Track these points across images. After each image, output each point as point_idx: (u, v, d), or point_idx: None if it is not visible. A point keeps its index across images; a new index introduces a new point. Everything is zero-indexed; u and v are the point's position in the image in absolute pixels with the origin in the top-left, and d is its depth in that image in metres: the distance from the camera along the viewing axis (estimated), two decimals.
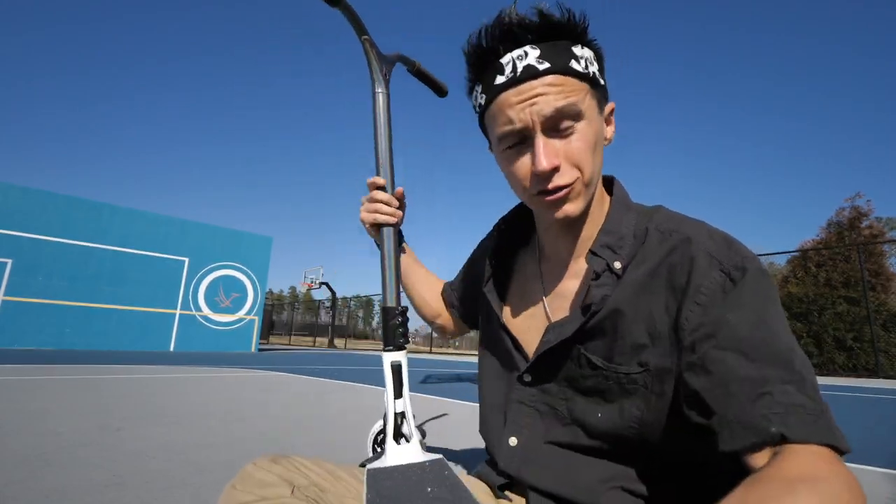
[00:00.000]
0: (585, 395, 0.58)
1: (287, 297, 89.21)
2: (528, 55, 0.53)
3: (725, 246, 0.51)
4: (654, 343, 0.52)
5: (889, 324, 12.06)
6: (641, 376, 0.53)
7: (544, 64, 0.53)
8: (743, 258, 0.50)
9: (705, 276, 0.49)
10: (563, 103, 0.52)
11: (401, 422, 0.58)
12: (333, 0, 0.73)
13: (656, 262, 0.54)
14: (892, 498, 1.68)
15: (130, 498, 1.42)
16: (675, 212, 0.61)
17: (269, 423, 2.73)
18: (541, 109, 0.53)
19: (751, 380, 0.42)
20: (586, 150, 0.55)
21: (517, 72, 0.53)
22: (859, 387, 7.82)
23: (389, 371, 0.60)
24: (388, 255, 0.69)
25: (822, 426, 0.38)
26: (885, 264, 19.98)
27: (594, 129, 0.55)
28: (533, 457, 0.60)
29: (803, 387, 0.41)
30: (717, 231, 0.54)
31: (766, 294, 0.47)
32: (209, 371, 6.40)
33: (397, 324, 0.64)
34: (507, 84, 0.54)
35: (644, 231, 0.58)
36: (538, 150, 0.53)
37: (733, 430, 0.41)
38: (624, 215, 0.60)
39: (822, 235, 22.61)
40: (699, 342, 0.47)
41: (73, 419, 2.56)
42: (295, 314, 47.16)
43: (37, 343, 11.35)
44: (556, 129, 0.54)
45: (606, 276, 0.56)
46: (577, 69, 0.54)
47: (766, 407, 0.40)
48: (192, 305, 14.18)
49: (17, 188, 11.54)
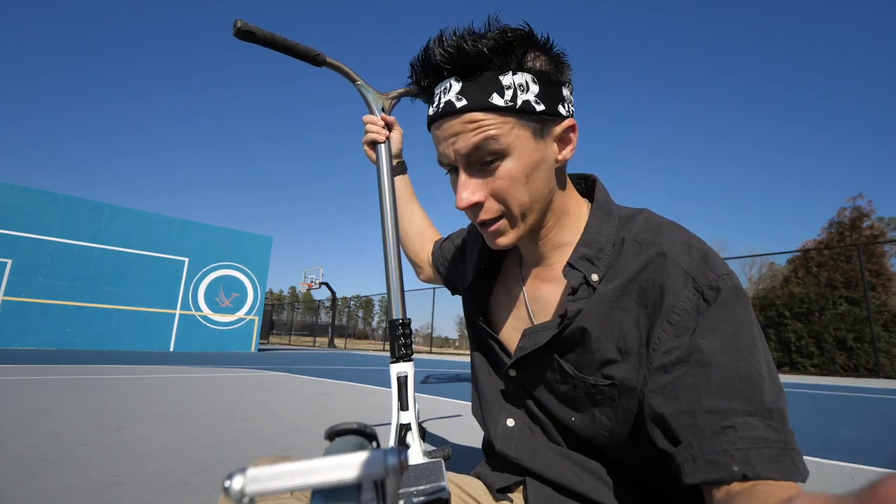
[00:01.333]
0: (559, 399, 0.59)
1: (287, 297, 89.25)
2: (451, 88, 0.53)
3: (702, 262, 0.50)
4: (624, 358, 0.52)
5: (890, 324, 12.04)
6: (608, 389, 0.53)
7: (462, 101, 0.52)
8: (718, 276, 0.48)
9: (678, 294, 0.48)
10: (479, 140, 0.52)
11: (404, 433, 0.58)
12: (317, 62, 0.81)
13: (630, 276, 0.53)
14: None
15: (130, 498, 1.42)
16: (656, 217, 0.59)
17: (269, 424, 2.73)
18: (458, 149, 0.53)
19: (717, 412, 0.41)
20: (512, 185, 0.54)
21: (439, 107, 0.54)
22: (860, 387, 7.81)
23: (395, 383, 0.60)
24: (383, 172, 0.78)
25: (785, 461, 0.39)
26: (885, 264, 20.02)
27: (525, 161, 0.53)
28: (529, 440, 0.62)
29: (770, 417, 0.41)
30: (696, 243, 0.53)
31: (739, 316, 0.46)
32: (209, 371, 6.40)
33: (403, 335, 0.64)
34: (433, 118, 0.55)
35: (622, 241, 0.56)
36: (459, 186, 0.55)
37: (696, 463, 0.41)
38: (604, 223, 0.59)
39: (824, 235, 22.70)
40: (670, 366, 0.46)
41: (73, 419, 2.57)
42: (295, 314, 47.20)
43: (37, 343, 11.36)
44: (479, 165, 0.54)
45: (583, 290, 0.55)
46: (498, 104, 0.51)
47: (729, 442, 0.40)
48: (193, 305, 14.19)
49: (17, 188, 11.55)
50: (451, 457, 0.53)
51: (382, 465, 0.20)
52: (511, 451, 0.62)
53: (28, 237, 11.49)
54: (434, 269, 0.94)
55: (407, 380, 0.60)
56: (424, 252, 0.96)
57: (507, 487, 0.63)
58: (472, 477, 0.68)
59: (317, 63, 0.82)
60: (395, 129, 0.90)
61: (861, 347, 11.86)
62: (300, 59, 0.82)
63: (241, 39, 0.75)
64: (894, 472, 0.13)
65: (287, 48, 0.79)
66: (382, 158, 0.80)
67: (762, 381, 0.43)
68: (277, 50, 0.79)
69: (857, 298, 12.38)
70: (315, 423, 2.79)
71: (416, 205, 0.99)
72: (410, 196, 0.99)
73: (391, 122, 0.87)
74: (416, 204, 0.99)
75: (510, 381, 0.64)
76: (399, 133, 0.92)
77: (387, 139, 0.83)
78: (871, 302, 11.39)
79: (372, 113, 0.86)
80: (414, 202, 0.99)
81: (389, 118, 0.87)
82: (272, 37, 0.77)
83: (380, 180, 0.78)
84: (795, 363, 12.77)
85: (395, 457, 0.20)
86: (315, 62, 0.81)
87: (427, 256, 0.96)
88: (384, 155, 0.81)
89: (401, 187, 0.98)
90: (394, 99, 0.89)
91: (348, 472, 0.20)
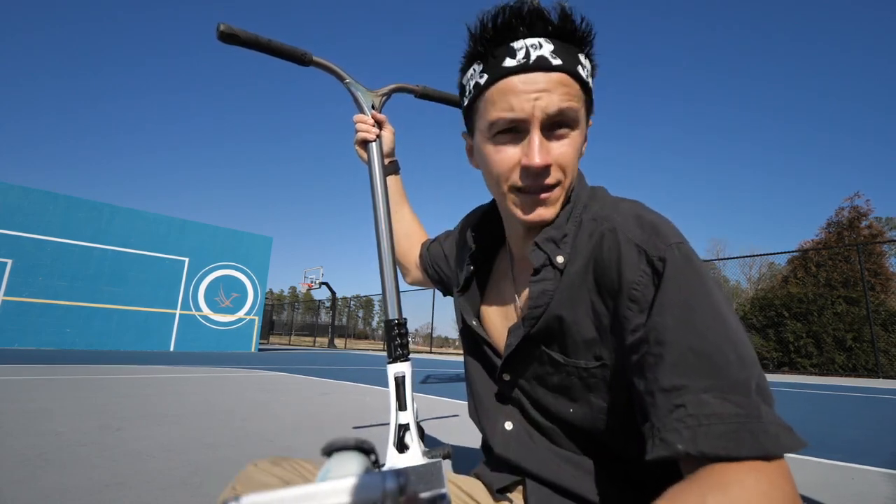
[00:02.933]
0: (554, 391, 0.58)
1: (287, 297, 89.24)
2: (542, 47, 0.52)
3: (653, 233, 0.49)
4: (603, 338, 0.52)
5: (889, 324, 12.05)
6: (599, 370, 0.53)
7: (557, 60, 0.52)
8: (667, 247, 0.47)
9: (634, 269, 0.48)
10: (567, 105, 0.52)
11: (403, 434, 0.58)
12: (304, 61, 0.81)
13: (588, 254, 0.54)
14: (892, 498, 1.68)
15: (130, 498, 1.42)
16: (610, 196, 0.60)
17: (269, 424, 2.73)
18: (546, 106, 0.52)
19: (672, 390, 0.41)
20: (574, 157, 0.55)
21: (530, 59, 0.52)
22: (859, 387, 7.82)
23: (393, 384, 0.60)
24: (375, 172, 0.77)
25: (743, 435, 0.37)
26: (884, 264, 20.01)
27: (581, 138, 0.56)
28: (527, 443, 0.61)
29: (728, 392, 0.39)
30: (648, 215, 0.52)
31: (692, 288, 0.45)
32: (209, 371, 6.40)
33: (399, 336, 0.64)
34: (517, 69, 0.52)
35: (579, 222, 0.57)
36: (534, 144, 0.52)
37: (654, 441, 0.41)
38: (574, 207, 0.59)
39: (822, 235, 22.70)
40: (636, 345, 0.46)
41: (73, 419, 2.57)
42: (295, 314, 47.17)
43: (37, 343, 11.36)
44: (551, 130, 0.54)
45: (548, 271, 0.56)
46: (583, 75, 0.54)
47: (679, 420, 0.40)
48: (193, 305, 14.19)
49: (17, 188, 11.55)
50: (451, 456, 0.53)
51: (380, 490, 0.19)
52: (510, 454, 0.62)
53: (28, 237, 11.49)
54: (423, 271, 0.93)
55: (404, 380, 0.60)
56: (412, 254, 0.96)
57: (506, 487, 0.64)
58: (472, 477, 0.68)
59: (303, 63, 0.81)
60: (385, 128, 0.89)
61: (860, 347, 11.86)
62: (286, 60, 0.81)
63: (224, 43, 0.75)
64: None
65: (272, 49, 0.79)
66: (374, 157, 0.80)
67: (722, 355, 0.41)
68: (262, 51, 0.79)
69: (855, 298, 12.38)
70: (315, 423, 2.79)
71: (407, 206, 0.99)
72: (401, 197, 0.98)
73: (381, 119, 0.87)
74: (406, 205, 0.99)
75: (504, 383, 0.64)
76: (390, 132, 0.91)
77: (378, 137, 0.82)
78: (870, 301, 11.40)
79: (361, 111, 0.85)
80: (404, 203, 0.99)
81: (380, 116, 0.86)
82: (256, 38, 0.77)
83: (372, 180, 0.77)
84: (794, 363, 12.77)
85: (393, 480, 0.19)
86: (301, 62, 0.81)
87: (415, 259, 0.95)
88: (375, 154, 0.80)
89: (392, 188, 0.97)
90: (384, 96, 0.88)
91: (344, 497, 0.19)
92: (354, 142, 0.87)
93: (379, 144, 0.82)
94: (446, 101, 0.97)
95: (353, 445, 0.27)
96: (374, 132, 0.82)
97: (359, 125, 0.85)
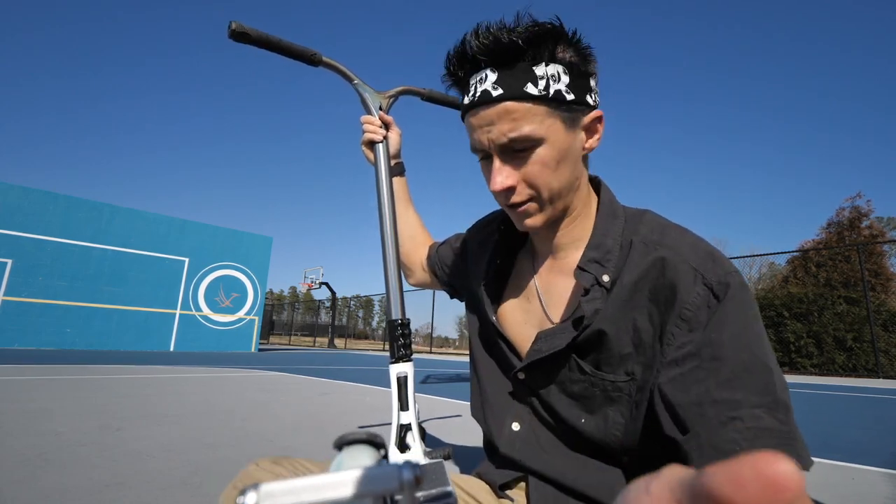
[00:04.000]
0: (572, 398, 0.59)
1: (287, 297, 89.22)
2: (486, 79, 0.54)
3: (710, 259, 0.52)
4: (639, 353, 0.54)
5: (889, 324, 12.04)
6: (627, 385, 0.55)
7: (498, 90, 0.53)
8: (726, 273, 0.51)
9: (689, 290, 0.51)
10: (515, 134, 0.54)
11: (404, 433, 0.58)
12: (313, 61, 0.81)
13: (640, 274, 0.55)
14: (892, 498, 1.68)
15: (130, 498, 1.42)
16: (660, 218, 0.61)
17: (269, 424, 2.73)
18: (495, 138, 0.55)
19: (724, 402, 0.43)
20: (543, 171, 0.56)
21: (475, 97, 0.55)
22: (859, 387, 7.82)
23: (395, 383, 0.60)
24: (381, 173, 0.78)
25: (788, 451, 0.40)
26: (885, 264, 20.00)
27: (556, 149, 0.55)
28: (533, 443, 0.62)
29: (775, 410, 0.43)
30: (701, 242, 0.55)
31: (747, 312, 0.49)
32: (209, 371, 6.40)
33: (402, 336, 0.64)
34: (469, 106, 0.57)
35: (629, 243, 0.58)
36: (493, 172, 0.57)
37: (703, 451, 0.43)
38: (611, 225, 0.61)
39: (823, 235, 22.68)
40: (682, 359, 0.48)
41: (73, 419, 2.57)
42: (295, 314, 47.17)
43: (37, 343, 11.35)
44: (513, 152, 0.56)
45: (596, 290, 0.57)
46: (532, 93, 0.53)
47: (736, 431, 0.42)
48: (193, 305, 14.18)
49: (17, 188, 11.54)
50: (452, 456, 0.53)
51: (398, 480, 0.19)
52: (515, 454, 0.62)
53: (28, 237, 11.48)
54: (431, 273, 0.94)
55: (407, 380, 0.60)
56: (416, 256, 0.96)
57: (507, 484, 0.64)
58: (474, 476, 0.68)
59: (313, 63, 0.81)
60: (392, 129, 0.90)
61: (860, 347, 11.85)
62: (296, 60, 0.81)
63: (236, 41, 0.75)
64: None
65: (282, 48, 0.79)
66: (380, 158, 0.80)
67: (770, 374, 0.45)
68: (272, 50, 0.79)
69: (856, 298, 12.37)
70: (315, 423, 2.79)
71: (411, 208, 0.99)
72: (406, 199, 0.99)
73: (388, 121, 0.87)
74: (410, 207, 0.99)
75: (518, 383, 0.64)
76: (397, 133, 0.92)
77: (384, 139, 0.83)
78: (870, 302, 11.39)
79: (369, 112, 0.85)
80: (409, 205, 0.99)
81: (387, 117, 0.86)
82: (267, 38, 0.77)
83: (378, 181, 0.77)
84: (795, 363, 12.77)
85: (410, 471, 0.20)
86: (311, 62, 0.81)
87: (419, 260, 0.96)
88: (382, 155, 0.80)
89: (397, 189, 0.97)
90: (391, 98, 0.88)
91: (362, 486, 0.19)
92: (361, 142, 0.88)
93: (385, 146, 0.82)
94: (452, 105, 0.97)
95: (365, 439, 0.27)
96: (381, 133, 0.83)
97: (366, 126, 0.85)
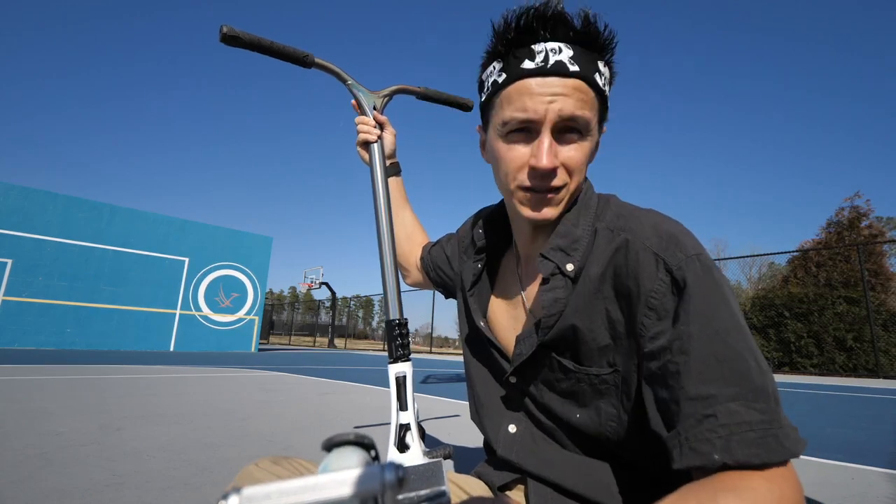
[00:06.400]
0: (563, 396, 0.59)
1: (287, 297, 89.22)
2: (561, 52, 0.52)
3: (672, 242, 0.50)
4: (617, 344, 0.53)
5: (889, 324, 12.05)
6: (612, 377, 0.54)
7: (575, 66, 0.52)
8: (687, 257, 0.48)
9: (652, 277, 0.49)
10: (580, 112, 0.53)
11: (404, 433, 0.58)
12: (306, 63, 0.81)
13: (604, 263, 0.54)
14: (891, 498, 1.68)
15: (130, 498, 1.42)
16: (625, 204, 0.60)
17: (269, 423, 2.73)
18: (559, 109, 0.52)
19: (699, 399, 0.42)
20: (582, 162, 0.55)
21: (548, 63, 0.52)
22: (859, 387, 7.82)
23: (394, 384, 0.60)
24: (376, 173, 0.77)
25: (768, 441, 0.39)
26: (884, 264, 19.98)
27: (592, 145, 0.56)
28: (530, 445, 0.62)
29: (753, 401, 0.41)
30: (665, 223, 0.53)
31: (715, 297, 0.46)
32: (209, 371, 6.40)
33: (400, 336, 0.64)
34: (534, 72, 0.53)
35: (594, 231, 0.57)
36: (543, 146, 0.53)
37: (682, 450, 0.42)
38: (581, 214, 0.59)
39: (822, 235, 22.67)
40: (657, 353, 0.47)
41: (73, 419, 2.57)
42: (295, 314, 47.17)
43: (37, 343, 11.36)
44: (562, 133, 0.54)
45: (558, 279, 0.56)
46: (599, 84, 0.54)
47: (711, 430, 0.41)
48: (193, 305, 14.18)
49: (17, 188, 11.55)
50: (452, 456, 0.53)
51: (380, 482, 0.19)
52: (513, 456, 0.62)
53: (28, 237, 11.48)
54: (424, 273, 0.94)
55: (405, 380, 0.60)
56: (413, 256, 0.96)
57: (507, 485, 0.64)
58: (473, 476, 0.68)
59: (305, 64, 0.81)
60: (387, 129, 0.90)
61: (860, 347, 11.86)
62: (288, 62, 0.81)
63: (227, 45, 0.75)
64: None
65: (273, 51, 0.79)
66: (375, 159, 0.80)
67: (744, 362, 0.42)
68: (264, 53, 0.79)
69: (856, 298, 12.37)
70: (315, 423, 2.79)
71: (408, 208, 0.99)
72: (402, 199, 0.99)
73: (383, 121, 0.87)
74: (407, 207, 0.99)
75: (511, 386, 0.64)
76: (392, 133, 0.92)
77: (379, 139, 0.82)
78: (870, 301, 11.39)
79: (363, 112, 0.85)
80: (405, 205, 0.99)
81: (381, 117, 0.86)
82: (259, 41, 0.77)
83: (373, 181, 0.77)
84: (795, 363, 12.78)
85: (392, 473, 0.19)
86: (303, 64, 0.81)
87: (415, 261, 0.96)
88: (377, 155, 0.80)
89: (393, 189, 0.97)
90: (386, 97, 0.88)
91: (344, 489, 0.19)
92: (356, 143, 0.88)
93: (380, 146, 0.82)
94: (447, 103, 0.97)
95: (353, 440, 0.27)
96: (375, 133, 0.83)
97: (360, 126, 0.85)
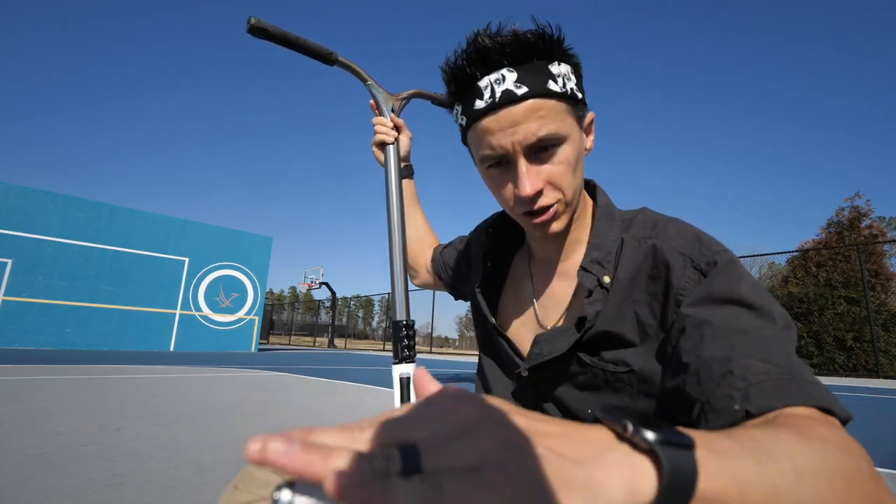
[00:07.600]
0: (577, 389, 0.60)
1: (287, 297, 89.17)
2: (505, 79, 0.52)
3: (696, 243, 0.53)
4: (643, 344, 0.54)
5: (889, 324, 12.04)
6: (627, 376, 0.55)
7: (522, 88, 0.52)
8: (713, 252, 0.51)
9: (680, 276, 0.51)
10: (544, 132, 0.52)
11: None
12: (329, 60, 0.82)
13: (634, 268, 0.56)
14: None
15: (130, 498, 1.42)
16: (652, 214, 0.61)
17: (269, 423, 2.73)
18: (522, 139, 0.52)
19: (715, 361, 0.41)
20: (567, 172, 0.55)
21: (495, 97, 0.52)
22: (859, 387, 7.81)
23: (398, 384, 0.61)
24: (391, 174, 0.79)
25: (791, 388, 0.37)
26: (885, 264, 20.00)
27: (575, 148, 0.55)
28: None
29: (769, 352, 0.40)
30: (688, 228, 0.56)
31: (735, 275, 0.48)
32: (209, 371, 6.40)
33: (406, 337, 0.64)
34: (486, 110, 0.53)
35: (622, 241, 0.59)
36: (521, 175, 0.54)
37: (707, 417, 0.40)
38: (609, 227, 0.61)
39: (822, 235, 22.68)
40: (678, 333, 0.48)
41: (73, 419, 2.57)
42: (295, 314, 47.15)
43: (37, 343, 11.35)
44: (537, 153, 0.54)
45: (598, 293, 0.57)
46: (555, 90, 0.53)
47: (729, 386, 0.39)
48: (193, 305, 14.18)
49: (17, 188, 11.54)
50: None
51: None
52: None
53: (28, 237, 11.48)
54: (435, 275, 0.94)
55: (410, 381, 0.61)
56: (423, 257, 0.97)
57: None
58: None
59: (329, 62, 0.82)
60: (403, 132, 0.90)
61: (860, 347, 11.85)
62: (312, 58, 0.82)
63: (254, 36, 0.76)
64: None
65: (299, 46, 0.79)
66: (391, 160, 0.80)
67: (763, 328, 0.43)
68: (290, 48, 0.80)
69: (856, 298, 12.37)
70: (315, 423, 2.78)
71: (419, 210, 1.00)
72: (414, 201, 0.99)
73: (400, 124, 0.88)
74: (418, 209, 1.00)
75: (522, 381, 0.65)
76: (408, 136, 0.92)
77: (395, 141, 0.82)
78: (870, 302, 11.39)
79: (381, 114, 0.86)
80: (417, 207, 1.00)
81: (398, 120, 0.87)
82: (285, 34, 0.77)
83: (387, 182, 0.78)
84: None
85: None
86: (327, 61, 0.81)
87: (425, 262, 0.97)
88: (392, 157, 0.81)
89: (405, 191, 0.97)
90: (403, 100, 0.89)
91: None
92: (372, 143, 0.88)
93: (396, 148, 0.82)
94: None
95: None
96: (392, 135, 0.83)
97: (378, 127, 0.86)
